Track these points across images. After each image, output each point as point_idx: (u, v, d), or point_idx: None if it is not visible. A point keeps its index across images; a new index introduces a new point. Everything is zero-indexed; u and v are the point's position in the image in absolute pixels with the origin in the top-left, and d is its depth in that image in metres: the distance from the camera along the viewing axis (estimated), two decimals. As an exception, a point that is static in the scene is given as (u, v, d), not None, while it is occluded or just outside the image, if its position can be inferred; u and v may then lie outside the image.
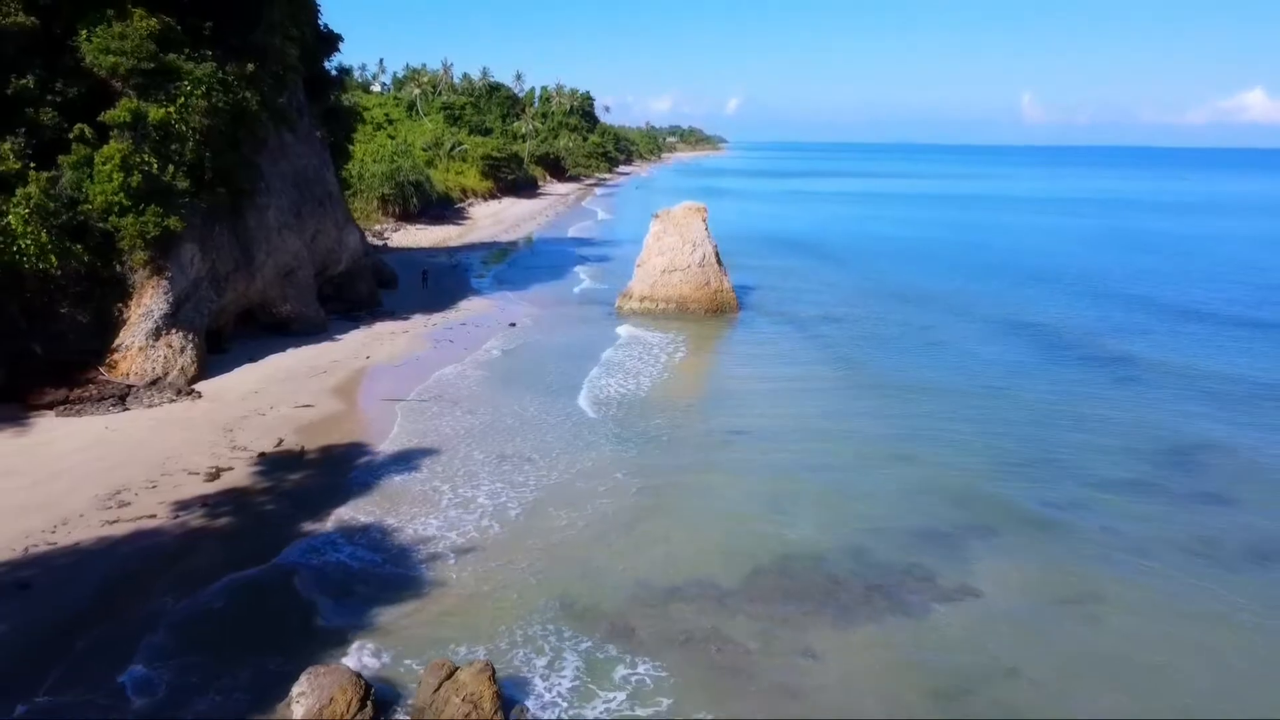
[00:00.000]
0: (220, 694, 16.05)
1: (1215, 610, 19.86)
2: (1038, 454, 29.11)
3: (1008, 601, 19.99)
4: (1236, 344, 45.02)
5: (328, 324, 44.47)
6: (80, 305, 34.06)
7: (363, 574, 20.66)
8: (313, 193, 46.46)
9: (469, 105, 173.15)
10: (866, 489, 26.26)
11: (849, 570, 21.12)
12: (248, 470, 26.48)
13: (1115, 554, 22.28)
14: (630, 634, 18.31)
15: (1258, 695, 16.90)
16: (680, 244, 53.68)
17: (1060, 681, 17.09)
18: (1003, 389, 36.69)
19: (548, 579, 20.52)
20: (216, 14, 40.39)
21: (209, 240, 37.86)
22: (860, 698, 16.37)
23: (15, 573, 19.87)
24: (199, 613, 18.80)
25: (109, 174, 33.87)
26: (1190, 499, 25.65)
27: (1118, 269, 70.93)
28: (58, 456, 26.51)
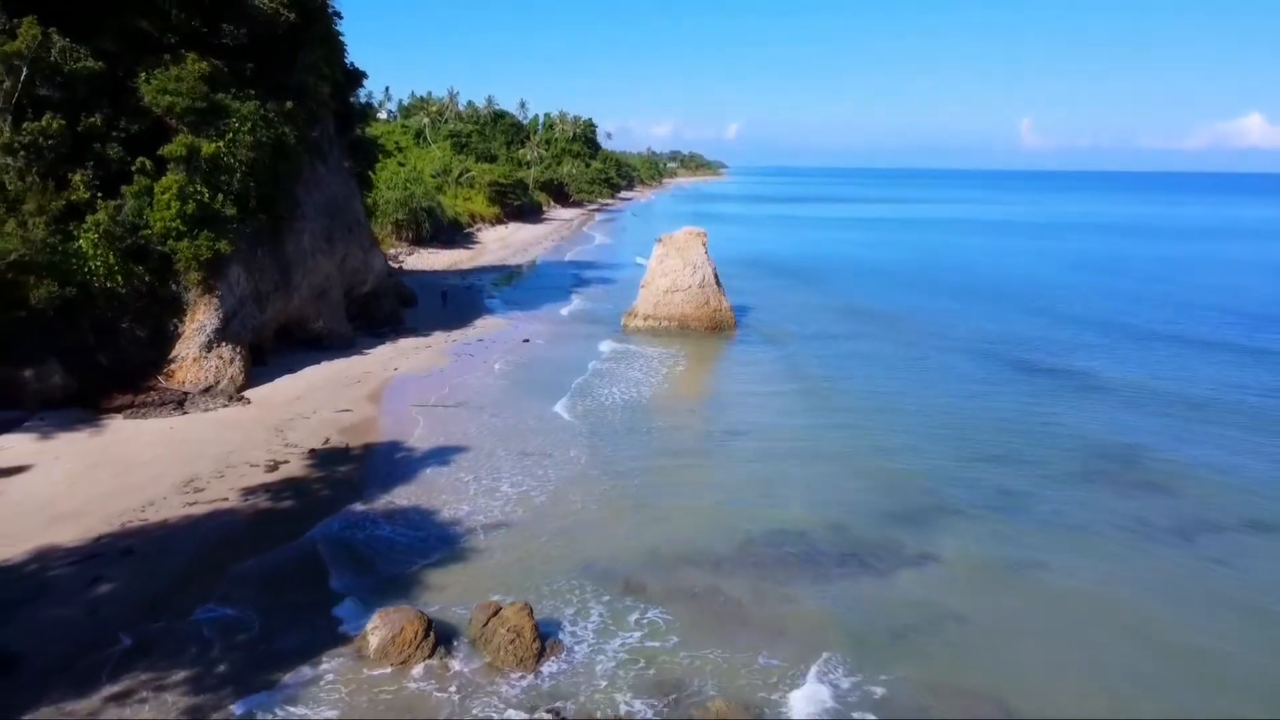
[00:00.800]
0: (308, 630, 19.52)
1: (1141, 572, 23.36)
2: (999, 453, 32.58)
3: (963, 566, 23.46)
4: (1184, 362, 47.76)
5: (356, 339, 48.10)
6: (140, 321, 37.71)
7: (409, 544, 24.14)
8: (342, 219, 50.25)
9: (475, 133, 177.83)
10: (847, 480, 29.76)
11: (828, 542, 24.62)
12: (301, 464, 30.01)
13: (1059, 531, 25.80)
14: (643, 589, 21.77)
15: (1172, 635, 20.28)
16: (681, 266, 57.39)
17: (1000, 624, 20.56)
18: (973, 399, 40.18)
19: (569, 549, 23.98)
20: (259, 57, 44.39)
21: (252, 262, 41.58)
22: (833, 635, 19.80)
23: (118, 542, 23.39)
24: (277, 572, 22.28)
25: (167, 202, 37.56)
26: (1128, 489, 29.16)
27: (1090, 292, 73.93)
28: (134, 452, 30.05)
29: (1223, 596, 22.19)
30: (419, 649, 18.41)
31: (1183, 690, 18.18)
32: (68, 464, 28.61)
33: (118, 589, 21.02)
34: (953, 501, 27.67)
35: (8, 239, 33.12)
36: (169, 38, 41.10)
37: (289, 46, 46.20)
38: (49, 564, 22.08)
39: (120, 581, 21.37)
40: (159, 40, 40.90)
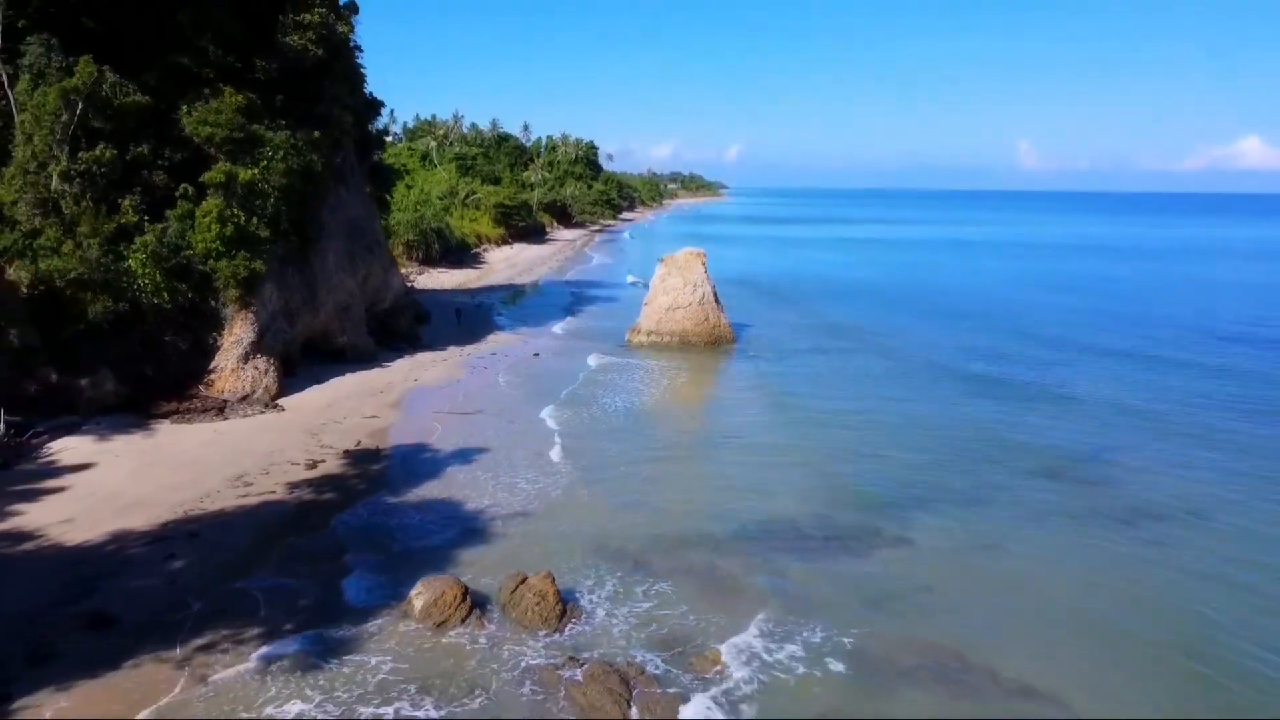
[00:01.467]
0: (360, 594, 22.52)
1: (1089, 550, 26.36)
2: (969, 455, 35.54)
3: (931, 547, 26.43)
4: (1139, 377, 50.05)
5: (376, 353, 51.15)
6: (182, 334, 40.86)
7: (438, 529, 27.11)
8: (363, 240, 53.47)
9: (480, 155, 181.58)
10: (832, 477, 32.74)
11: (813, 527, 27.60)
12: (337, 462, 33.03)
13: (1018, 518, 28.81)
14: (649, 566, 24.73)
15: (1114, 600, 23.16)
16: (682, 285, 60.53)
17: (963, 594, 23.50)
18: (950, 409, 43.15)
19: (583, 533, 26.94)
20: (289, 89, 47.79)
21: (283, 280, 44.73)
22: (815, 602, 22.73)
23: (184, 527, 26.39)
24: (324, 551, 25.26)
25: (207, 225, 40.75)
26: (1080, 485, 32.21)
27: (1066, 312, 75.85)
28: (185, 451, 33.07)
29: (1155, 570, 25.20)
30: (457, 610, 21.36)
31: (1115, 643, 21.05)
32: (128, 462, 31.61)
33: (189, 564, 24.00)
34: (925, 495, 30.62)
35: (67, 259, 36.33)
36: (207, 72, 44.47)
37: (316, 79, 49.65)
38: (126, 544, 25.07)
39: (190, 558, 24.35)
40: (198, 75, 44.26)
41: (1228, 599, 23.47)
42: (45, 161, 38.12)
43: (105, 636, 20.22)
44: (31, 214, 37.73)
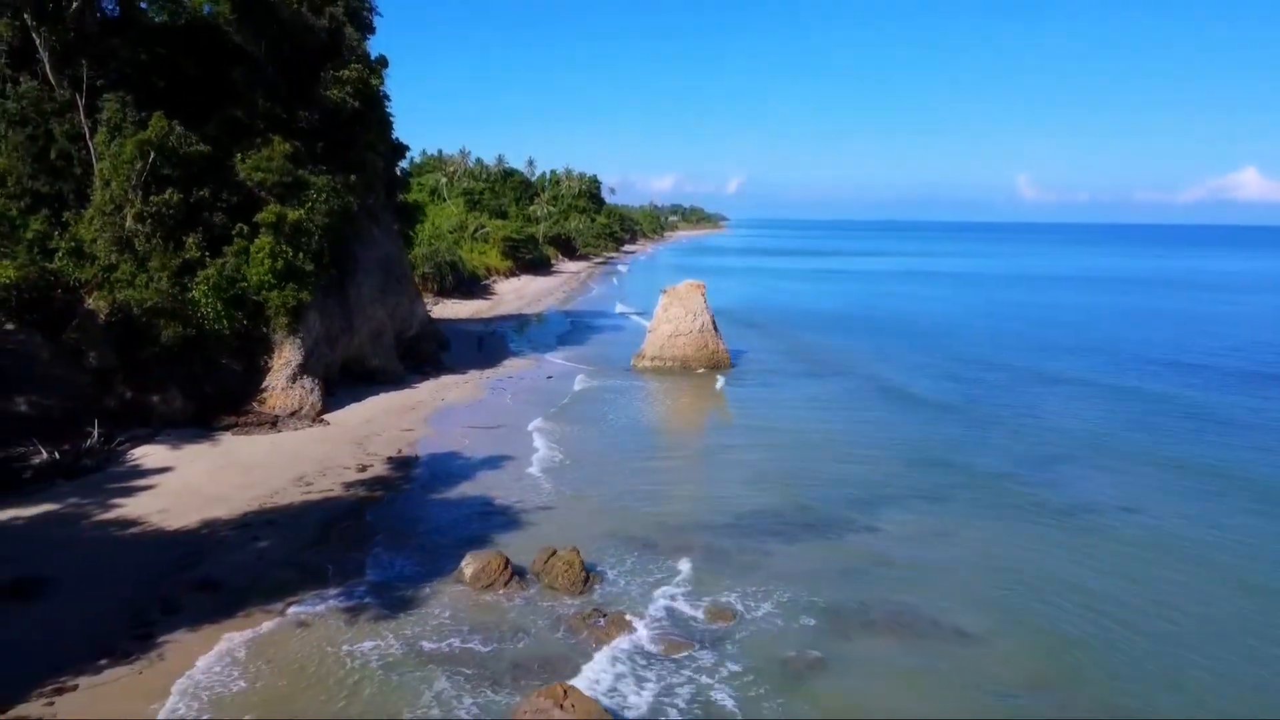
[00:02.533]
0: (414, 565, 27.26)
1: (1027, 536, 31.01)
2: (935, 462, 40.17)
3: (894, 533, 31.11)
4: (1087, 402, 53.67)
5: (404, 376, 56.00)
6: (236, 357, 45.70)
7: (478, 517, 31.84)
8: (393, 273, 58.52)
9: (487, 190, 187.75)
10: (815, 479, 37.40)
11: (796, 517, 32.33)
12: (384, 467, 37.81)
13: (975, 510, 33.53)
14: (657, 546, 29.41)
15: (1050, 574, 27.68)
16: (684, 314, 65.49)
17: (920, 569, 28.14)
18: (922, 424, 47.80)
19: (602, 522, 31.62)
20: (328, 137, 53.06)
21: (325, 310, 49.65)
22: (795, 574, 27.36)
23: (261, 517, 31.14)
24: (381, 533, 29.98)
25: (260, 260, 45.70)
26: (1026, 486, 36.83)
27: (1037, 344, 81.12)
28: (249, 458, 37.86)
29: (1083, 548, 29.84)
30: (500, 577, 26.06)
31: (1049, 603, 25.65)
32: (202, 466, 36.39)
33: (272, 545, 28.73)
34: (893, 494, 35.31)
35: (143, 290, 41.33)
36: (258, 123, 49.70)
37: (352, 128, 54.93)
38: (216, 529, 29.82)
39: (272, 541, 29.09)
40: (250, 126, 49.48)
41: (1129, 574, 28.06)
42: (121, 204, 43.15)
43: (215, 595, 24.93)
44: (109, 250, 42.67)
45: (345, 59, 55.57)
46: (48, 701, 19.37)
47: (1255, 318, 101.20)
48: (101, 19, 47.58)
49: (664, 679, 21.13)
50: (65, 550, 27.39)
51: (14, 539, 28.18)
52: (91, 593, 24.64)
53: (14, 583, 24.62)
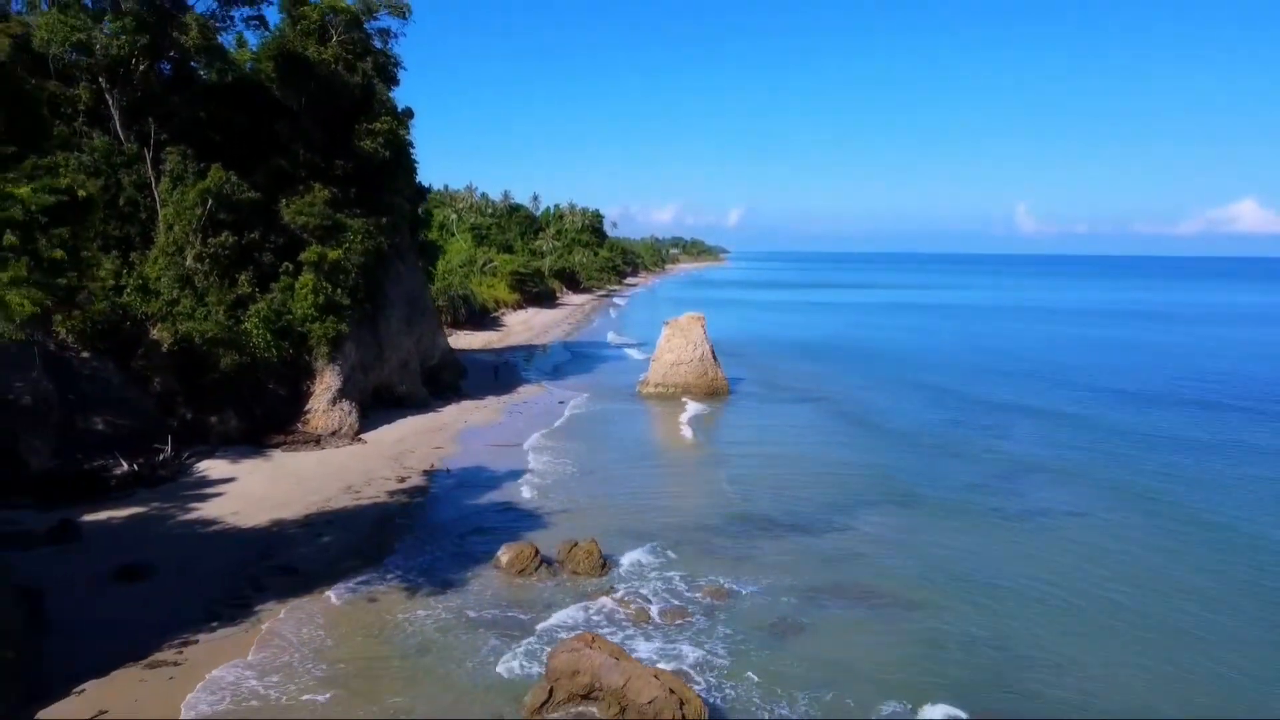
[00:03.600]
0: (456, 556, 32.10)
1: (983, 536, 35.83)
2: (908, 475, 45.04)
3: (869, 532, 35.95)
4: (1051, 430, 58.31)
5: (429, 401, 60.97)
6: (281, 382, 50.72)
7: (507, 518, 36.70)
8: (418, 307, 63.68)
9: (494, 226, 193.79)
10: (800, 487, 42.25)
11: (783, 519, 37.18)
12: (420, 479, 42.73)
13: (937, 515, 38.37)
14: (662, 541, 34.18)
15: (997, 569, 32.46)
16: (685, 344, 70.57)
17: (885, 559, 32.92)
18: (899, 443, 52.77)
19: (614, 522, 36.40)
20: (361, 184, 58.39)
21: (360, 340, 54.71)
22: (780, 563, 32.18)
23: (321, 517, 36.05)
24: (427, 532, 34.82)
25: (304, 295, 50.83)
26: (989, 495, 41.73)
27: (1013, 375, 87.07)
28: (301, 470, 42.77)
29: (1024, 545, 34.68)
30: (531, 563, 30.90)
31: (989, 584, 30.40)
32: (261, 477, 41.30)
33: (334, 540, 33.62)
34: (868, 501, 40.18)
35: (202, 322, 46.44)
36: (300, 172, 55.05)
37: (383, 175, 60.31)
38: (284, 528, 34.71)
39: (333, 536, 33.99)
40: (293, 174, 54.83)
41: (1058, 568, 32.87)
42: (183, 246, 48.37)
43: (293, 577, 29.80)
44: (172, 287, 47.75)
45: (376, 112, 61.09)
46: (177, 650, 24.21)
47: (1222, 349, 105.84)
48: (161, 79, 53.04)
49: (670, 637, 25.97)
50: (159, 544, 32.24)
51: (114, 535, 33.06)
52: (190, 576, 29.48)
53: (124, 568, 29.46)
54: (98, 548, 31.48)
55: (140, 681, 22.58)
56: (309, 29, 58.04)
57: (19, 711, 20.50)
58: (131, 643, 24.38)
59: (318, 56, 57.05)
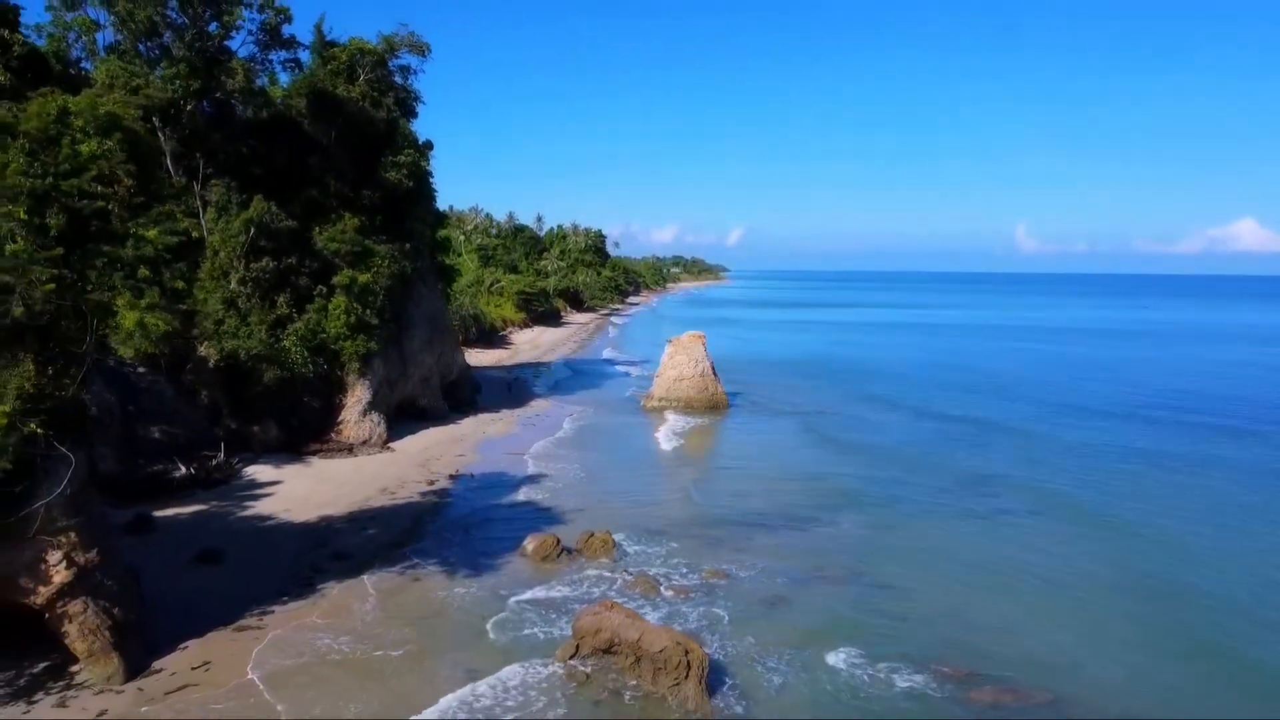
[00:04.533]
0: (485, 546, 36.45)
1: (953, 529, 40.18)
2: (888, 478, 49.59)
3: (852, 526, 40.30)
4: (1009, 440, 64.76)
5: (448, 414, 65.36)
6: (316, 396, 55.13)
7: (529, 514, 41.01)
8: (438, 326, 68.19)
9: (499, 247, 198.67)
10: (791, 489, 46.63)
11: (775, 516, 41.52)
12: (447, 482, 47.08)
13: (912, 512, 42.78)
14: (667, 534, 38.54)
15: (961, 555, 36.76)
16: (687, 361, 75.00)
17: (865, 547, 37.26)
18: (880, 450, 57.33)
19: (622, 519, 40.64)
20: (387, 212, 63.00)
21: (387, 357, 59.16)
22: (772, 551, 36.50)
23: (362, 514, 40.40)
24: (459, 526, 39.17)
25: (337, 315, 55.29)
26: (959, 497, 46.27)
27: (992, 394, 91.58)
28: (339, 474, 47.12)
29: (992, 540, 39.02)
30: (553, 551, 35.24)
31: (951, 567, 34.69)
32: (304, 480, 45.66)
33: (377, 532, 37.98)
34: (853, 501, 44.63)
35: (248, 340, 50.88)
36: (331, 202, 59.66)
37: (406, 204, 64.97)
38: (332, 522, 39.07)
39: (377, 529, 38.35)
40: (325, 204, 59.42)
41: (1014, 554, 37.25)
42: (228, 271, 52.87)
43: (347, 562, 34.15)
44: (218, 308, 52.24)
45: (399, 145, 65.84)
46: (258, 618, 28.56)
47: (1191, 367, 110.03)
48: (205, 117, 57.71)
49: (675, 607, 30.32)
50: (225, 535, 36.58)
51: (183, 528, 37.41)
52: (257, 561, 33.83)
53: (202, 553, 33.81)
54: (171, 538, 35.82)
55: (231, 640, 26.94)
56: (338, 69, 62.92)
57: (140, 661, 24.82)
58: (217, 612, 28.72)
59: (346, 94, 61.82)
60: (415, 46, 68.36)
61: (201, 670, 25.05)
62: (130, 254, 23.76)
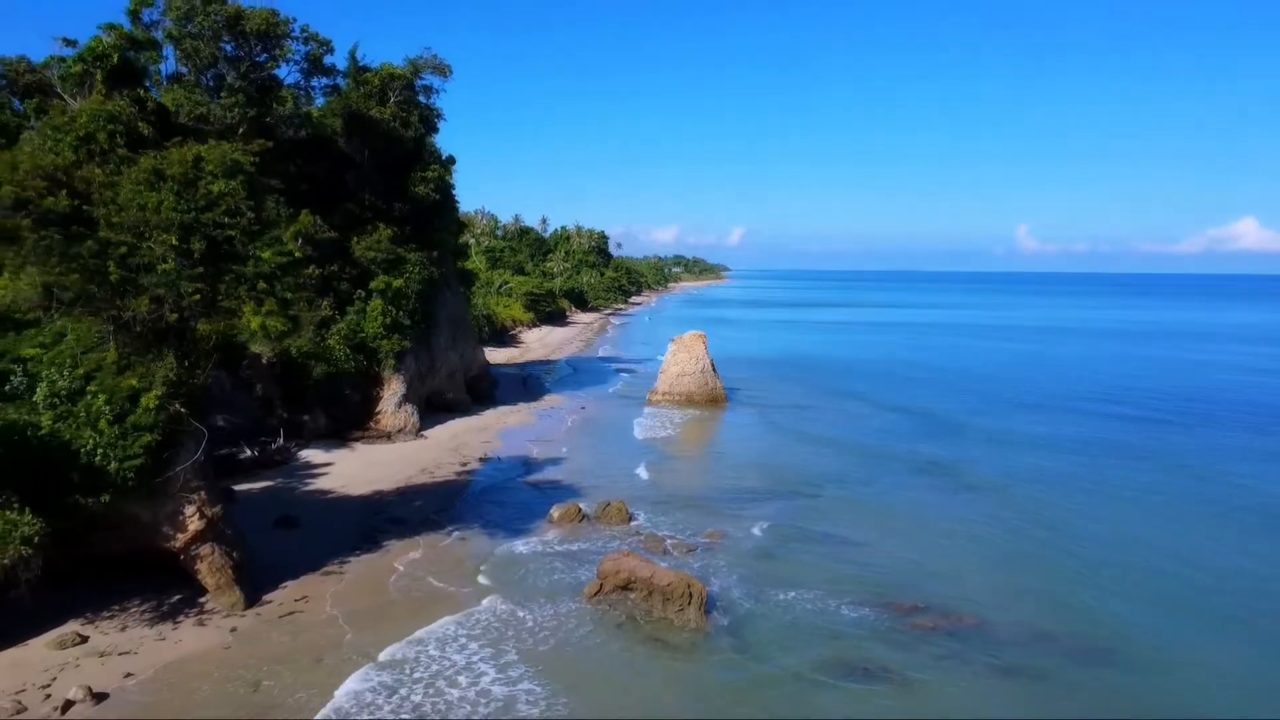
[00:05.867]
0: (517, 515, 42.81)
1: (920, 500, 46.50)
2: (870, 462, 55.95)
3: (833, 499, 46.61)
4: (979, 428, 71.11)
5: (470, 406, 71.69)
6: (356, 389, 61.48)
7: (553, 489, 47.30)
8: (460, 326, 74.56)
9: (506, 249, 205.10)
10: (781, 469, 52.95)
11: (766, 490, 47.87)
12: (478, 464, 53.45)
13: (886, 489, 49.12)
14: (674, 503, 44.85)
15: (925, 519, 43.04)
16: (688, 358, 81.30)
17: (841, 515, 43.55)
18: (862, 438, 63.66)
19: (633, 492, 46.93)
20: (415, 222, 69.34)
21: (418, 354, 65.50)
22: (763, 518, 42.78)
23: (409, 489, 46.73)
24: (492, 499, 45.54)
25: (374, 317, 61.65)
26: (932, 478, 52.59)
27: (978, 394, 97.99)
28: (382, 457, 53.47)
29: (956, 506, 45.33)
30: (576, 517, 41.59)
31: (914, 528, 40.95)
32: (353, 462, 52.02)
33: (424, 503, 44.32)
34: (835, 479, 50.96)
35: (301, 340, 57.22)
36: (366, 214, 66.03)
37: (433, 215, 71.31)
38: (384, 496, 45.41)
39: (423, 501, 44.70)
40: (360, 216, 65.78)
41: (972, 517, 43.61)
42: (278, 277, 59.16)
43: (402, 526, 40.46)
44: (270, 311, 58.55)
45: (426, 161, 72.18)
46: (339, 565, 34.93)
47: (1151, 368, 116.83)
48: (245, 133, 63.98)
49: (680, 559, 36.67)
50: (295, 505, 42.89)
51: (258, 500, 43.73)
52: (327, 525, 40.18)
53: (281, 519, 40.16)
54: (250, 508, 42.01)
55: (319, 581, 33.32)
56: (370, 92, 69.19)
57: (254, 595, 31.17)
58: (304, 561, 35.10)
59: (379, 115, 68.14)
60: (438, 68, 74.50)
61: (302, 602, 31.41)
62: (251, 271, 30.18)
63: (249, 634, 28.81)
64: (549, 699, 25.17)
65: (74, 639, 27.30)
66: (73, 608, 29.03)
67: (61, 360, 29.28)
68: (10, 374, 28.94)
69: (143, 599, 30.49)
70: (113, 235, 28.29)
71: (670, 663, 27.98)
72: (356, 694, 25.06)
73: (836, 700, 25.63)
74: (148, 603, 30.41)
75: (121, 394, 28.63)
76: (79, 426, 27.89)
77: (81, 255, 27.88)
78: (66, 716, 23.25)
